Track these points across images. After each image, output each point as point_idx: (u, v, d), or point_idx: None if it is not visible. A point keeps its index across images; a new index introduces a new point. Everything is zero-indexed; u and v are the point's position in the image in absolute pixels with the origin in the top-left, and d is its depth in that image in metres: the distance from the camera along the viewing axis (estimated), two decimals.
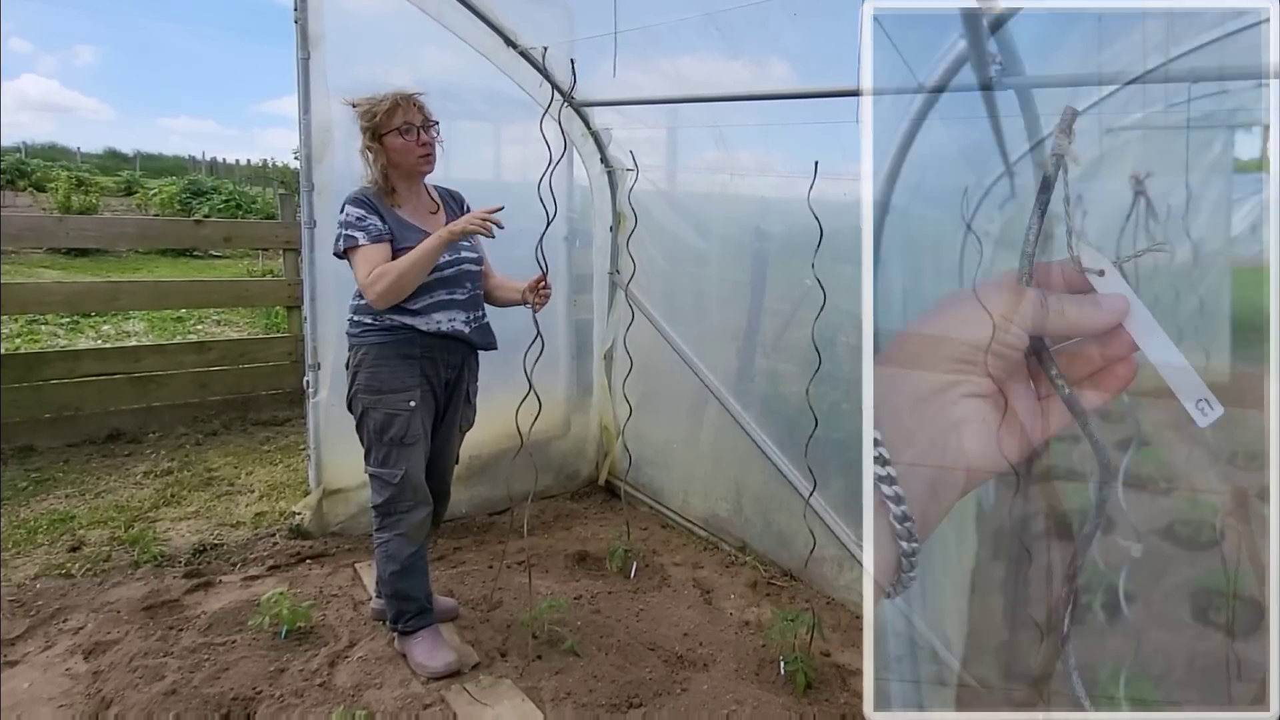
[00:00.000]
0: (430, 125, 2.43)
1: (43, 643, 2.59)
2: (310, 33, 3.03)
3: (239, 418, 4.91)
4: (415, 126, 2.39)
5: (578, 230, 4.00)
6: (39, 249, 10.19)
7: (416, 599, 2.53)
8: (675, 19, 2.89)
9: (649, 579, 3.21)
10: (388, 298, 2.30)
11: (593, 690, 2.42)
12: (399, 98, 2.37)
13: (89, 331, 7.06)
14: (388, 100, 2.36)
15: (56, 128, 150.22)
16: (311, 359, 3.26)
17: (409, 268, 2.27)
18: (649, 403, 3.75)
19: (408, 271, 2.27)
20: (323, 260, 3.16)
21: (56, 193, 13.57)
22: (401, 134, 2.37)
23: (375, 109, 2.36)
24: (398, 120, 2.36)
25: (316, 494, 3.37)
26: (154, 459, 4.27)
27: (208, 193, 15.57)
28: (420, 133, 2.40)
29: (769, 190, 3.37)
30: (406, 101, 2.38)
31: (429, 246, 2.28)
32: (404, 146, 2.38)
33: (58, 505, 3.67)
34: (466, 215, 2.34)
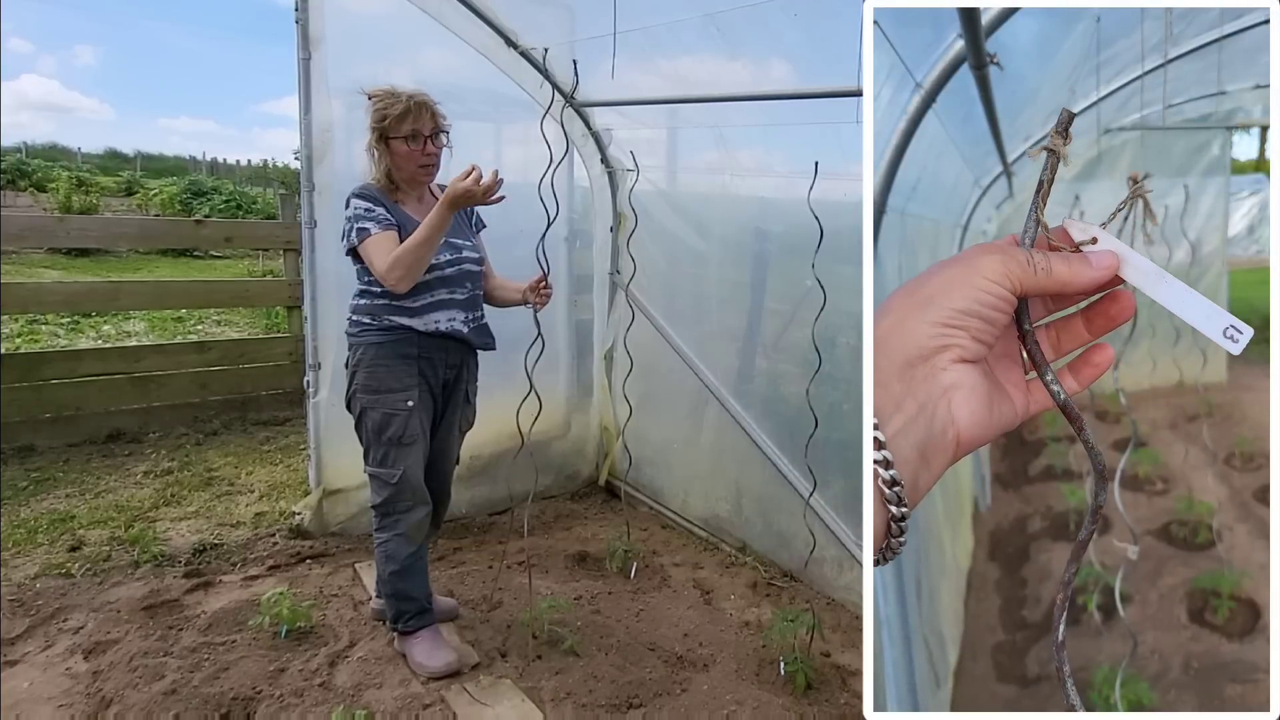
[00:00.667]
0: (439, 134, 2.41)
1: (43, 642, 2.59)
2: (311, 33, 3.03)
3: (239, 418, 4.91)
4: (423, 135, 2.37)
5: (578, 231, 4.00)
6: (40, 249, 10.20)
7: (416, 599, 2.53)
8: (675, 20, 2.89)
9: (649, 579, 3.21)
10: (409, 278, 2.29)
11: (593, 690, 2.42)
12: (413, 103, 2.35)
13: (89, 331, 7.07)
14: (401, 104, 2.33)
15: (57, 128, 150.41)
16: (312, 359, 3.26)
17: (421, 242, 2.25)
18: (649, 403, 3.75)
19: (421, 245, 2.25)
20: (323, 260, 3.16)
21: (57, 193, 13.56)
22: (407, 141, 2.35)
23: (387, 111, 2.34)
24: (406, 127, 2.34)
25: (317, 494, 3.38)
26: (154, 459, 4.27)
27: (208, 193, 15.58)
28: (427, 142, 2.38)
29: (769, 191, 3.38)
30: (419, 109, 2.36)
31: (436, 216, 2.23)
32: (407, 154, 2.37)
33: (58, 505, 3.68)
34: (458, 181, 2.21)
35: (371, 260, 2.31)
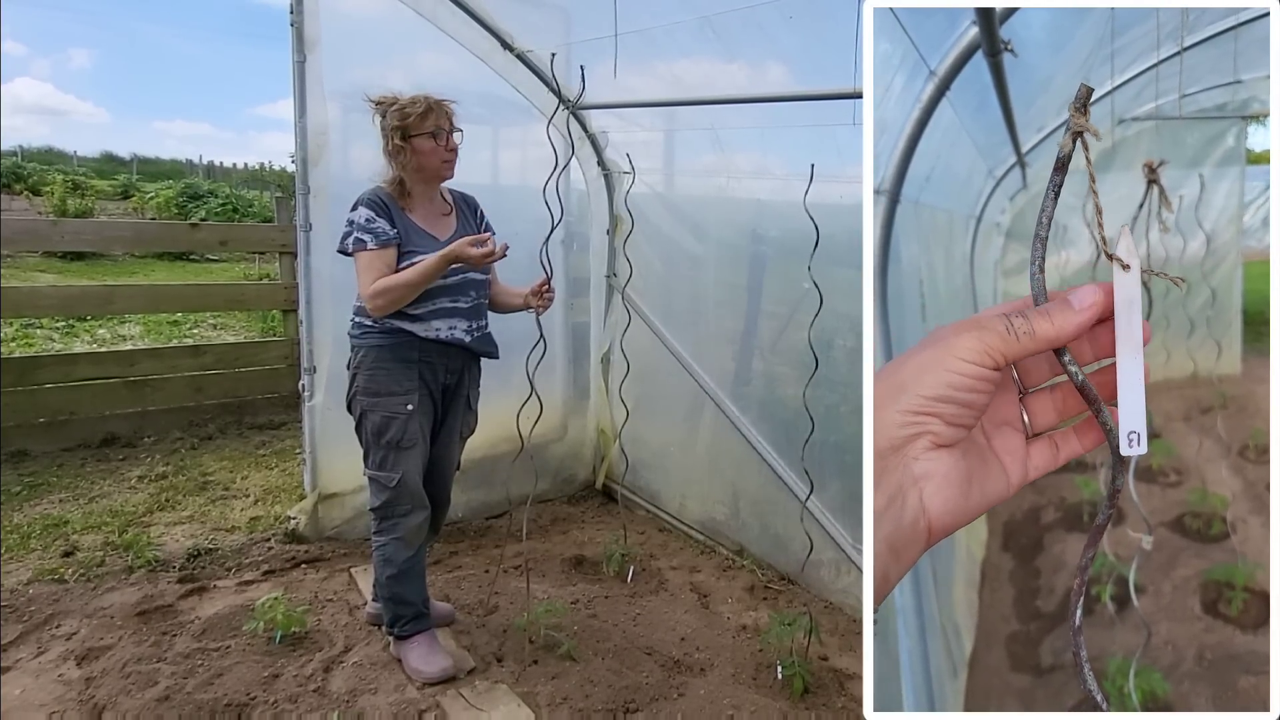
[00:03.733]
0: (455, 131, 2.45)
1: (35, 648, 2.57)
2: (306, 36, 3.03)
3: (234, 422, 4.89)
4: (445, 132, 2.40)
5: (575, 233, 4.00)
6: (35, 252, 10.16)
7: (413, 603, 2.52)
8: (672, 22, 2.89)
9: (646, 583, 3.20)
10: (387, 311, 2.35)
11: (589, 695, 2.41)
12: (432, 102, 2.39)
13: (84, 335, 7.04)
14: (422, 103, 2.37)
15: (52, 131, 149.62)
16: (307, 363, 3.25)
17: (408, 286, 2.30)
18: (646, 406, 3.75)
19: (409, 286, 2.31)
20: (319, 264, 3.15)
21: (52, 196, 13.52)
22: (433, 137, 2.38)
23: (409, 110, 2.36)
24: (430, 124, 2.37)
25: (312, 498, 3.36)
26: (149, 463, 4.25)
27: (204, 196, 15.54)
28: (448, 138, 2.42)
29: (765, 193, 3.37)
30: (439, 106, 2.40)
31: (429, 266, 2.29)
32: (433, 150, 2.39)
33: (51, 510, 3.65)
34: (465, 242, 2.28)
35: (359, 276, 2.34)
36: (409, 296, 2.33)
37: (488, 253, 2.26)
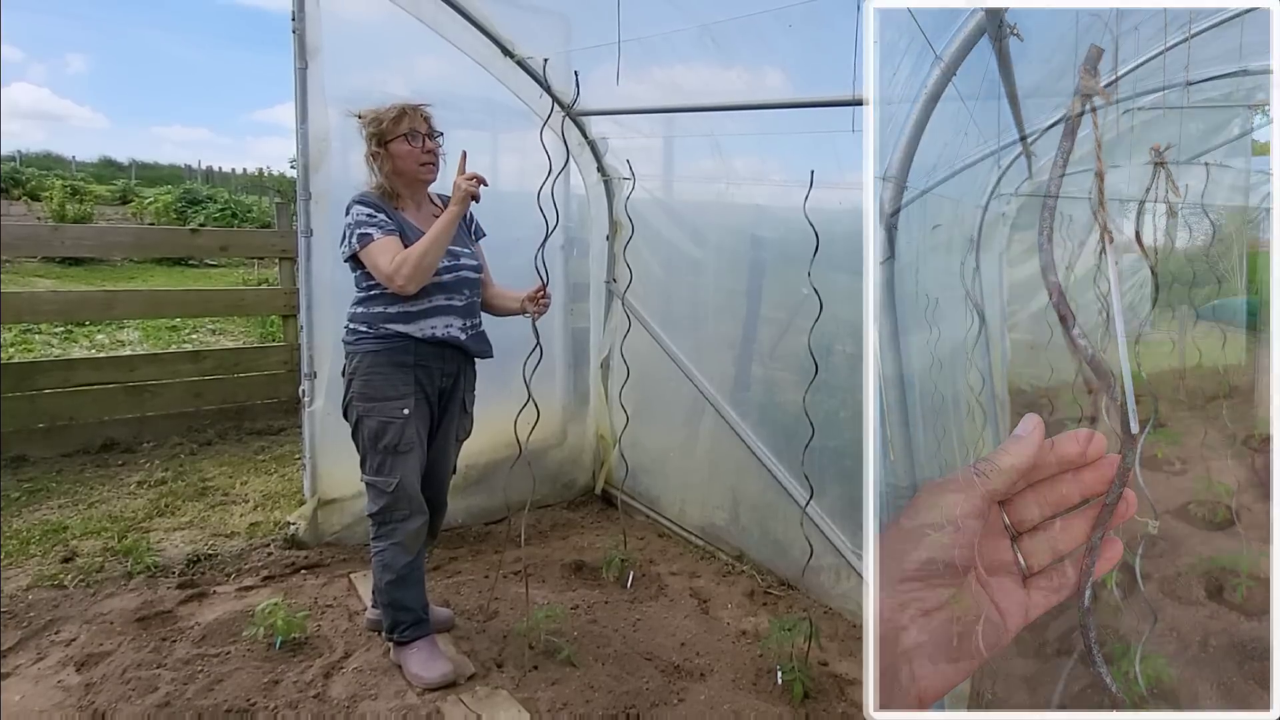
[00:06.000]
0: (435, 135, 2.48)
1: (35, 654, 2.57)
2: (308, 42, 3.04)
3: (234, 427, 4.89)
4: (421, 134, 2.43)
5: (574, 239, 4.01)
6: (34, 258, 10.17)
7: (412, 609, 2.52)
8: (671, 30, 2.90)
9: (646, 588, 3.19)
10: (417, 279, 2.33)
11: (589, 701, 2.41)
12: (406, 107, 2.43)
13: (83, 341, 7.04)
14: (394, 109, 2.42)
15: (50, 136, 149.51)
16: (307, 368, 3.25)
17: (429, 246, 2.32)
18: (645, 411, 3.75)
19: (428, 250, 2.32)
20: (319, 269, 3.15)
21: (51, 201, 13.52)
22: (407, 140, 2.41)
23: (382, 116, 2.42)
24: (404, 127, 2.41)
25: (311, 504, 3.36)
26: (148, 469, 4.25)
27: (203, 201, 15.54)
28: (425, 140, 2.44)
29: (765, 199, 3.38)
30: (414, 111, 2.44)
31: (443, 223, 2.33)
32: (409, 152, 2.42)
33: (51, 515, 3.65)
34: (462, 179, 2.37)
35: (376, 262, 2.33)
36: (433, 258, 2.33)
37: (475, 178, 2.33)
